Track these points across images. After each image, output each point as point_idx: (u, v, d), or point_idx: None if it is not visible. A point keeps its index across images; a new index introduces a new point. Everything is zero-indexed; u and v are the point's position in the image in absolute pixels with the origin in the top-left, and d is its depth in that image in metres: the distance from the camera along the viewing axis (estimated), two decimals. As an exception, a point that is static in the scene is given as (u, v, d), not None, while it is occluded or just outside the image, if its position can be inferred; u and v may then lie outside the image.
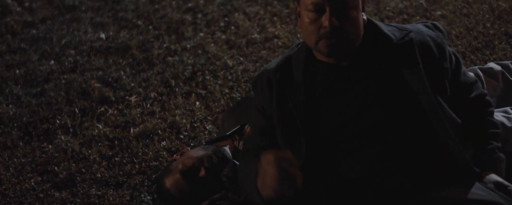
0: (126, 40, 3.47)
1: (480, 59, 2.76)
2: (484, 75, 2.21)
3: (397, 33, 1.69)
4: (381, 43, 1.67)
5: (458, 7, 3.25)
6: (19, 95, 3.07)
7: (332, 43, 1.61)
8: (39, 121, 2.85)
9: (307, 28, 1.63)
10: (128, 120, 2.78)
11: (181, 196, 2.11)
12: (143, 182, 2.39)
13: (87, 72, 3.20)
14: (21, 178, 2.52)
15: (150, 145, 2.59)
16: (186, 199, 2.11)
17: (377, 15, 3.31)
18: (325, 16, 1.59)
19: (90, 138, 2.68)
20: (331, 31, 1.59)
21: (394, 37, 1.67)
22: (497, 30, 2.97)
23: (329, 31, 1.59)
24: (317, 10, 1.60)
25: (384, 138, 1.62)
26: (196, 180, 2.09)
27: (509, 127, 1.94)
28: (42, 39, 3.59)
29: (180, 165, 2.11)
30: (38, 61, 3.36)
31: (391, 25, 1.74)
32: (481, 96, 1.77)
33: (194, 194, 2.09)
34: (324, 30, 1.60)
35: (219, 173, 2.08)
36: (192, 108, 2.80)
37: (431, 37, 1.70)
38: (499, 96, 2.20)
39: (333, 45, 1.61)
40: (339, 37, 1.60)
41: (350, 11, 1.60)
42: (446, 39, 1.74)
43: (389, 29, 1.70)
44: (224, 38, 3.37)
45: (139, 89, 3.01)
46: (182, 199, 2.11)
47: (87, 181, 2.44)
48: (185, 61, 3.18)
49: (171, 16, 3.67)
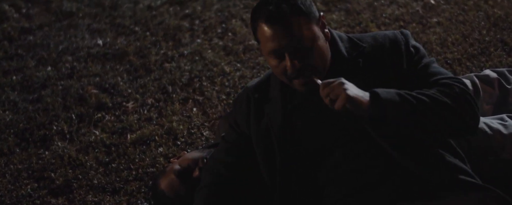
0: (123, 46, 3.47)
1: (476, 66, 2.78)
2: (480, 82, 2.22)
3: (353, 50, 1.72)
4: (338, 61, 1.71)
5: (454, 14, 3.26)
6: (16, 101, 3.06)
7: (304, 82, 1.65)
8: (36, 127, 2.85)
9: (275, 71, 1.68)
10: (125, 126, 2.78)
11: (175, 197, 2.10)
12: (140, 189, 2.39)
13: (84, 78, 3.20)
14: (18, 184, 2.51)
15: (147, 151, 2.59)
16: (180, 201, 2.10)
17: (374, 21, 3.33)
18: (286, 60, 1.62)
19: (87, 144, 2.68)
20: (296, 73, 1.63)
21: (347, 56, 1.71)
22: (493, 37, 2.98)
23: (293, 73, 1.63)
24: (277, 56, 1.63)
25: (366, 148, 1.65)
26: (190, 181, 2.09)
27: (505, 134, 1.95)
28: (39, 45, 3.59)
29: (176, 166, 2.12)
30: (35, 67, 3.36)
31: (352, 38, 1.75)
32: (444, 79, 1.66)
33: (188, 195, 2.08)
34: (290, 72, 1.63)
35: None
36: (189, 114, 2.81)
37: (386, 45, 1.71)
38: (495, 104, 2.21)
39: (305, 83, 1.65)
40: (307, 73, 1.64)
41: (308, 46, 1.62)
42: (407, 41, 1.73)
43: (347, 46, 1.73)
44: (221, 44, 3.38)
45: (136, 95, 3.01)
46: (176, 200, 2.11)
47: (83, 187, 2.44)
48: (182, 67, 3.18)
49: (168, 22, 3.68)
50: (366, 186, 1.64)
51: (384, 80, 1.66)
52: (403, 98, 1.54)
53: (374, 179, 1.63)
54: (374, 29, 3.25)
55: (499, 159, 1.94)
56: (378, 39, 1.75)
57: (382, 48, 1.72)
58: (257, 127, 1.77)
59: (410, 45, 1.72)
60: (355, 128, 1.66)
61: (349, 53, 1.71)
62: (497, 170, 1.93)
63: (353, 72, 1.67)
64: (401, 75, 1.68)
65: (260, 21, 1.62)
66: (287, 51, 1.60)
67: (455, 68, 2.80)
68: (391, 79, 1.67)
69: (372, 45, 1.73)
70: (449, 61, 2.86)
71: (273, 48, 1.61)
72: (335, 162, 1.68)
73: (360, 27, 3.30)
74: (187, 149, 2.57)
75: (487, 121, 2.00)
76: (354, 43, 1.74)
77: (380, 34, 1.77)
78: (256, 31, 1.65)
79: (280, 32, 1.59)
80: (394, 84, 1.62)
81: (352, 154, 1.67)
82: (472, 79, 2.23)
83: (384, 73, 1.68)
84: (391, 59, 1.70)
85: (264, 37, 1.63)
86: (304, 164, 1.72)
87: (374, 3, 3.52)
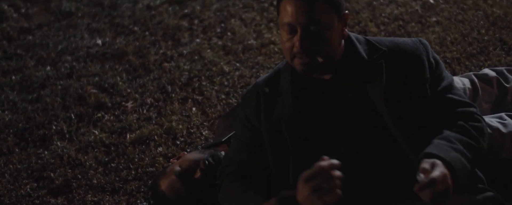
0: (122, 46, 3.47)
1: (474, 65, 2.78)
2: (479, 81, 2.23)
3: (372, 52, 1.73)
4: (356, 62, 1.73)
5: (453, 14, 3.27)
6: (15, 101, 3.06)
7: (304, 63, 1.67)
8: (35, 127, 2.85)
9: (283, 45, 1.70)
10: (125, 126, 2.78)
11: (175, 198, 2.10)
12: (139, 188, 2.39)
13: (83, 78, 3.20)
14: (17, 184, 2.51)
15: (147, 151, 2.59)
16: (180, 202, 2.10)
17: (373, 21, 3.33)
18: (297, 37, 1.65)
19: (86, 144, 2.68)
20: (302, 52, 1.65)
21: (367, 58, 1.72)
22: (492, 36, 2.99)
23: (300, 51, 1.65)
24: (290, 31, 1.66)
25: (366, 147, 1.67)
26: (191, 182, 2.08)
27: (504, 133, 1.95)
28: (38, 45, 3.59)
29: (176, 167, 2.11)
30: (34, 67, 3.36)
31: (371, 41, 1.77)
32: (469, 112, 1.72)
33: (189, 196, 2.08)
34: (296, 49, 1.66)
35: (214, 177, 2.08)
36: (189, 113, 2.81)
37: (408, 51, 1.74)
38: (494, 102, 2.21)
39: (305, 64, 1.67)
40: (311, 57, 1.66)
41: (322, 32, 1.64)
42: (428, 51, 1.76)
43: (366, 49, 1.75)
44: (220, 44, 3.38)
45: (136, 95, 3.01)
46: (176, 201, 2.10)
47: (83, 187, 2.44)
48: (182, 67, 3.18)
49: (167, 22, 3.68)
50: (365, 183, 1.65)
51: (405, 85, 1.68)
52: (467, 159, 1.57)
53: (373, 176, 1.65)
54: (373, 28, 3.26)
55: (499, 159, 1.94)
56: (398, 44, 1.76)
57: (403, 54, 1.74)
58: (268, 120, 1.77)
59: (431, 56, 1.76)
60: (362, 126, 1.68)
61: (369, 55, 1.73)
62: (497, 170, 1.93)
63: (373, 74, 1.69)
64: (423, 84, 1.70)
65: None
66: (301, 28, 1.63)
67: (454, 67, 2.80)
68: (412, 86, 1.69)
69: (392, 49, 1.75)
70: (448, 60, 2.86)
71: (290, 21, 1.64)
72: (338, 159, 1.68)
73: (359, 27, 3.30)
74: (187, 149, 2.57)
75: (486, 120, 1.99)
76: (373, 46, 1.76)
77: (399, 40, 1.79)
78: (280, 1, 1.67)
79: (302, 8, 1.62)
80: (414, 92, 1.67)
81: (354, 151, 1.68)
82: (471, 78, 2.24)
83: (405, 78, 1.70)
84: (413, 66, 1.72)
85: (284, 9, 1.65)
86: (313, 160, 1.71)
87: (373, 2, 3.52)
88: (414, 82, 1.70)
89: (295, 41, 1.65)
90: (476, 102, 2.20)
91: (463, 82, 2.21)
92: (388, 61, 1.72)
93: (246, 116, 1.85)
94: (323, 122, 1.72)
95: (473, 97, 2.20)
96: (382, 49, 1.74)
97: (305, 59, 1.66)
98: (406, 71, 1.71)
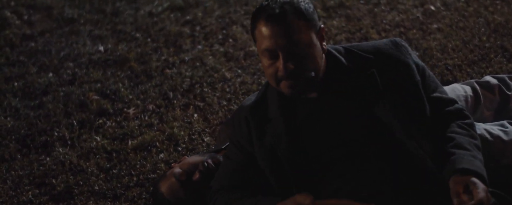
0: (124, 53, 3.48)
1: (476, 72, 2.78)
2: (480, 88, 2.23)
3: (358, 62, 1.71)
4: (341, 73, 1.71)
5: (454, 21, 3.27)
6: (18, 108, 3.07)
7: (291, 85, 1.65)
8: (37, 134, 2.85)
9: (266, 71, 1.68)
10: (126, 132, 2.78)
11: (175, 201, 2.09)
12: (141, 195, 2.39)
13: (85, 84, 3.21)
14: (19, 190, 2.51)
15: (148, 157, 2.59)
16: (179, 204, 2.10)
17: (374, 28, 3.33)
18: (279, 61, 1.63)
19: (88, 151, 2.68)
20: (287, 75, 1.63)
21: (354, 69, 1.70)
22: (493, 44, 2.99)
23: (285, 75, 1.63)
24: (271, 56, 1.64)
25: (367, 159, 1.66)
26: (190, 185, 2.08)
27: (506, 140, 1.95)
28: (40, 52, 3.60)
29: (176, 170, 2.12)
30: (36, 74, 3.37)
31: (352, 50, 1.75)
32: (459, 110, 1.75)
33: (188, 199, 2.08)
34: (281, 74, 1.64)
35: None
36: (190, 120, 2.81)
37: (393, 56, 1.72)
38: (495, 110, 2.21)
39: (292, 87, 1.66)
40: (297, 78, 1.64)
41: (304, 51, 1.63)
42: (410, 53, 1.75)
43: (350, 59, 1.72)
44: (222, 50, 3.39)
45: (137, 101, 3.01)
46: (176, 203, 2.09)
47: (85, 193, 2.44)
48: (183, 74, 3.19)
49: (169, 29, 3.69)
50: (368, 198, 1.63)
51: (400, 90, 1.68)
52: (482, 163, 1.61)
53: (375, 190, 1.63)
54: (375, 35, 3.26)
55: (500, 166, 1.94)
56: (380, 49, 1.74)
57: (388, 60, 1.72)
58: (261, 147, 1.76)
59: (413, 57, 1.76)
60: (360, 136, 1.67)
61: (354, 64, 1.71)
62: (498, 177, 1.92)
63: (368, 87, 1.67)
64: (416, 87, 1.70)
65: (261, 19, 1.63)
66: (282, 51, 1.61)
67: (456, 74, 2.80)
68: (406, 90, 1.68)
69: (377, 55, 1.73)
70: (449, 67, 2.86)
71: (269, 47, 1.62)
72: (339, 174, 1.68)
73: (360, 33, 3.31)
74: (188, 155, 2.57)
75: (487, 127, 2.00)
76: (355, 54, 1.73)
77: (379, 44, 1.76)
78: (255, 29, 1.66)
79: (279, 32, 1.61)
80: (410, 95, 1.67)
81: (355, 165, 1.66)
82: (473, 85, 2.24)
83: (398, 84, 1.69)
84: (401, 71, 1.71)
85: (261, 35, 1.63)
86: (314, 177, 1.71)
87: (375, 9, 3.53)
88: (407, 86, 1.70)
89: (278, 65, 1.63)
90: (478, 110, 2.20)
91: (465, 90, 2.21)
92: (377, 69, 1.70)
93: (237, 140, 1.83)
94: (319, 140, 1.71)
95: (475, 105, 2.20)
96: (368, 57, 1.72)
97: (291, 82, 1.64)
98: (396, 77, 1.70)
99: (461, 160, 1.58)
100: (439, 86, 1.79)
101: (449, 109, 1.74)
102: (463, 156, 1.59)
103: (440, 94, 1.75)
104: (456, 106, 1.75)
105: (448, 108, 1.74)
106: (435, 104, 1.73)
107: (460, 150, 1.61)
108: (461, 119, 1.72)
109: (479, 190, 1.48)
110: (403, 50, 1.74)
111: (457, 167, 1.55)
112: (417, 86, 1.71)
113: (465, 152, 1.60)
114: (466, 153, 1.60)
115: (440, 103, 1.74)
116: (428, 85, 1.75)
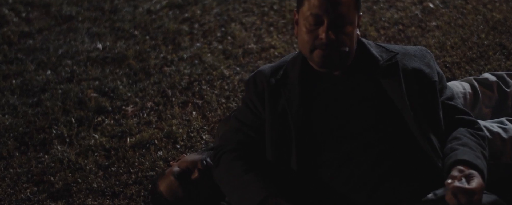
0: (122, 50, 3.48)
1: (474, 70, 2.78)
2: (479, 85, 2.23)
3: (384, 54, 1.78)
4: (369, 63, 1.77)
5: (453, 18, 3.27)
6: (16, 105, 3.06)
7: (325, 55, 1.69)
8: (36, 131, 2.85)
9: (304, 37, 1.71)
10: (125, 130, 2.78)
11: (174, 200, 2.09)
12: (140, 192, 2.39)
13: (83, 82, 3.20)
14: (17, 188, 2.51)
15: (147, 155, 2.59)
16: (178, 203, 2.09)
17: (373, 25, 3.33)
18: (322, 28, 1.67)
19: (87, 148, 2.68)
20: (326, 43, 1.68)
21: (381, 59, 1.77)
22: (492, 41, 2.99)
23: (324, 42, 1.68)
24: (316, 22, 1.68)
25: (373, 145, 1.67)
26: (189, 183, 2.08)
27: (505, 138, 1.95)
28: (39, 49, 3.60)
29: (175, 168, 2.12)
30: (34, 71, 3.36)
31: (380, 45, 1.83)
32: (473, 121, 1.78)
33: (186, 197, 2.08)
34: (320, 41, 1.68)
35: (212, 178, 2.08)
36: (189, 118, 2.81)
37: (417, 56, 1.80)
38: (494, 107, 2.21)
39: (326, 57, 1.70)
40: (333, 49, 1.69)
41: (346, 26, 1.69)
42: (434, 60, 1.84)
43: (378, 51, 1.80)
44: (220, 48, 3.38)
45: (136, 99, 3.01)
46: (174, 202, 2.09)
47: (83, 191, 2.44)
48: (182, 71, 3.19)
49: (167, 26, 3.69)
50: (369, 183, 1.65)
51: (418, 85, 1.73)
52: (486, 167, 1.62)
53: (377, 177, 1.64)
54: (373, 32, 3.26)
55: (499, 163, 1.94)
56: (407, 49, 1.83)
57: (412, 57, 1.79)
58: (273, 109, 1.77)
59: (436, 65, 1.82)
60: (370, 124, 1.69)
61: (383, 57, 1.77)
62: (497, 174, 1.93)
63: (389, 75, 1.72)
64: (433, 85, 1.75)
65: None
66: (328, 19, 1.66)
67: (454, 71, 2.80)
68: (424, 86, 1.74)
69: (403, 53, 1.80)
70: (448, 64, 2.87)
71: (319, 12, 1.66)
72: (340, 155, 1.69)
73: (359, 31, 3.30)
74: (187, 153, 2.57)
75: (487, 124, 2.00)
76: (383, 48, 1.81)
77: (407, 47, 1.86)
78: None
79: (332, 1, 1.66)
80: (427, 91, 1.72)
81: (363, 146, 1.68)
82: (471, 83, 2.24)
83: (417, 79, 1.74)
84: (422, 69, 1.77)
85: (311, 1, 1.68)
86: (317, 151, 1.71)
87: (373, 6, 3.53)
88: (425, 83, 1.75)
89: (319, 32, 1.67)
90: (477, 107, 2.20)
91: (464, 87, 2.21)
92: (401, 62, 1.77)
93: (250, 99, 1.84)
94: (330, 116, 1.73)
95: (474, 102, 2.20)
96: (393, 52, 1.79)
97: (327, 51, 1.68)
98: (417, 73, 1.75)
99: (464, 153, 1.60)
100: (455, 97, 1.82)
101: (462, 117, 1.77)
102: (466, 151, 1.61)
103: (456, 104, 1.79)
104: (471, 118, 1.78)
105: (462, 116, 1.77)
106: (449, 110, 1.76)
107: (465, 147, 1.63)
108: (474, 129, 1.75)
109: (475, 181, 1.47)
110: (428, 55, 1.83)
111: (459, 158, 1.57)
112: (435, 86, 1.75)
113: (469, 150, 1.62)
114: (471, 151, 1.62)
115: (454, 111, 1.77)
116: (444, 92, 1.79)
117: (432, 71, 1.78)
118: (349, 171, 1.67)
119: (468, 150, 1.62)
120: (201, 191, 2.08)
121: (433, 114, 1.72)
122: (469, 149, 1.62)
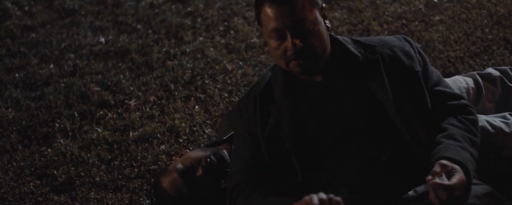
0: (125, 44, 3.48)
1: (478, 64, 2.77)
2: (482, 80, 2.22)
3: (363, 49, 1.76)
4: (348, 60, 1.74)
5: (456, 13, 3.26)
6: (19, 99, 3.07)
7: (301, 63, 1.68)
8: (38, 125, 2.85)
9: (275, 53, 1.70)
10: (127, 124, 2.78)
11: (177, 197, 2.09)
12: (142, 186, 2.39)
13: (86, 76, 3.21)
14: (20, 181, 2.52)
15: (149, 149, 2.59)
16: (182, 199, 2.09)
17: (376, 19, 3.32)
18: (287, 40, 1.65)
19: (89, 142, 2.69)
20: (296, 53, 1.66)
21: (360, 56, 1.74)
22: (496, 36, 2.98)
23: (294, 53, 1.66)
24: (278, 36, 1.67)
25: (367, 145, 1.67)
26: (193, 180, 2.08)
27: (507, 132, 1.94)
28: (41, 43, 3.60)
29: (178, 165, 2.11)
30: (37, 65, 3.37)
31: (357, 40, 1.80)
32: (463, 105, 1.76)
33: (190, 194, 2.08)
34: (290, 52, 1.66)
35: (216, 175, 2.08)
36: (191, 112, 2.81)
37: (396, 46, 1.77)
38: (497, 102, 2.20)
39: (302, 65, 1.68)
40: (306, 55, 1.67)
41: (310, 28, 1.66)
42: (414, 47, 1.80)
43: (355, 47, 1.76)
44: (223, 42, 3.38)
45: (139, 93, 3.01)
46: (178, 199, 2.09)
47: (86, 184, 2.44)
48: (185, 65, 3.19)
49: (170, 20, 3.68)
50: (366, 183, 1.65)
51: (401, 78, 1.71)
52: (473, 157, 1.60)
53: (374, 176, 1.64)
54: (377, 27, 3.25)
55: (501, 157, 1.94)
56: (385, 40, 1.79)
57: (392, 49, 1.76)
58: (264, 128, 1.76)
59: (417, 52, 1.79)
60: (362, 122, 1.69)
61: (361, 53, 1.75)
62: (499, 168, 1.92)
63: (370, 69, 1.71)
64: (416, 76, 1.73)
65: (265, 1, 1.66)
66: (289, 30, 1.64)
67: (458, 66, 2.79)
68: (407, 78, 1.72)
69: (381, 45, 1.77)
70: (451, 59, 2.85)
71: (276, 27, 1.65)
72: (337, 157, 1.69)
73: (362, 25, 3.29)
74: (189, 147, 2.58)
75: (489, 119, 1.99)
76: (361, 43, 1.78)
77: (385, 37, 1.82)
78: (260, 12, 1.69)
79: (285, 11, 1.64)
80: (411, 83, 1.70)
81: (357, 147, 1.68)
82: (475, 77, 2.23)
83: (399, 72, 1.72)
84: (403, 60, 1.74)
85: (267, 17, 1.66)
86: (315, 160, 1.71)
87: (377, 1, 3.51)
88: (408, 74, 1.73)
89: (286, 45, 1.66)
90: (480, 102, 2.19)
91: (467, 82, 2.21)
92: (381, 56, 1.74)
93: (244, 129, 1.80)
94: (321, 123, 1.72)
95: (477, 96, 2.19)
96: (371, 45, 1.76)
97: (301, 60, 1.67)
98: (398, 65, 1.73)
99: (446, 149, 1.57)
100: (442, 80, 1.79)
101: (451, 103, 1.74)
102: (449, 145, 1.59)
103: (444, 88, 1.76)
104: (461, 102, 1.75)
105: (451, 102, 1.74)
106: (438, 97, 1.74)
107: (449, 140, 1.61)
108: (464, 114, 1.72)
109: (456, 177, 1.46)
110: (407, 44, 1.79)
111: (440, 155, 1.55)
112: (417, 75, 1.73)
113: (453, 142, 1.60)
114: (455, 143, 1.60)
115: (442, 97, 1.75)
116: (429, 78, 1.76)
117: (413, 61, 1.74)
118: (345, 174, 1.67)
119: (453, 142, 1.60)
120: (204, 189, 2.08)
121: (421, 106, 1.70)
122: (454, 141, 1.60)
